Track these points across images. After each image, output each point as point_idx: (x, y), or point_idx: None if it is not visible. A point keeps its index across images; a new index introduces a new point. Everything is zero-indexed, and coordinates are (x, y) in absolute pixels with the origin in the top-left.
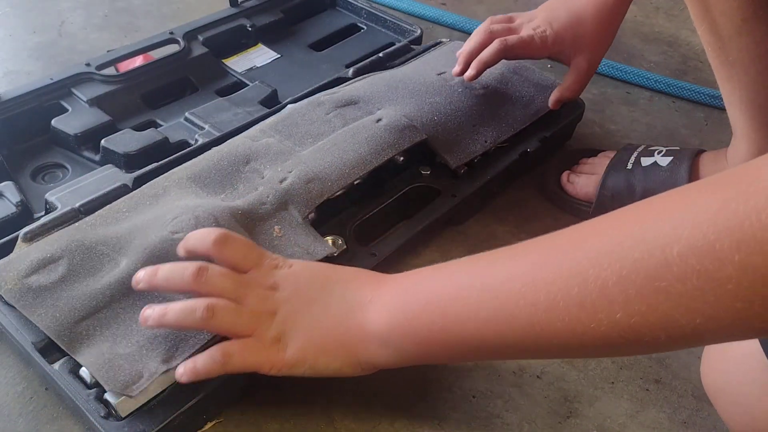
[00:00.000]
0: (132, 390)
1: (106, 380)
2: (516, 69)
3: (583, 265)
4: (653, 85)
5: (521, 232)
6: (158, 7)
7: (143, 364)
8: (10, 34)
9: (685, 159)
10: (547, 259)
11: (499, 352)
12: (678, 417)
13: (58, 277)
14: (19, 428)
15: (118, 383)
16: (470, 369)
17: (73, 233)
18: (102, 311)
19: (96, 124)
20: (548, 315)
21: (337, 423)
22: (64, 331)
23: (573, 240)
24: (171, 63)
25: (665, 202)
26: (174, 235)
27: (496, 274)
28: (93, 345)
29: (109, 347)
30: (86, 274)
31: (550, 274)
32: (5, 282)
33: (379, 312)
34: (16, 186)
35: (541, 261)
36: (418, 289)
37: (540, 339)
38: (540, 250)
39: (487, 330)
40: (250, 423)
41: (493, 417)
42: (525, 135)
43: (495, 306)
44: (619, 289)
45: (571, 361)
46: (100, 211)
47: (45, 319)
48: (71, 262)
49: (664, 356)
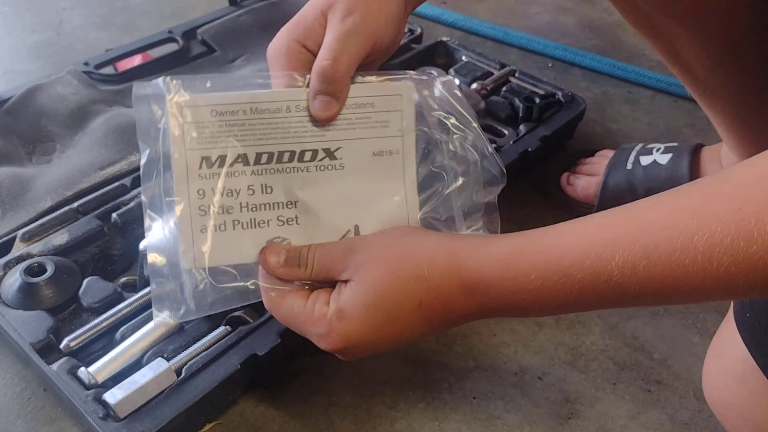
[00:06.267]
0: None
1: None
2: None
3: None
4: (655, 84)
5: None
6: (157, 6)
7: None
8: (9, 33)
9: (685, 155)
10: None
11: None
12: (679, 418)
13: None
14: (18, 429)
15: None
16: (471, 369)
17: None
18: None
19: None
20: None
21: (336, 424)
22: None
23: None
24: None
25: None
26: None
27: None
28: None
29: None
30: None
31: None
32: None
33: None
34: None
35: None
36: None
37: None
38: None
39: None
40: (249, 425)
41: (494, 418)
42: (525, 135)
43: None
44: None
45: (573, 362)
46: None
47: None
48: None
49: (666, 357)
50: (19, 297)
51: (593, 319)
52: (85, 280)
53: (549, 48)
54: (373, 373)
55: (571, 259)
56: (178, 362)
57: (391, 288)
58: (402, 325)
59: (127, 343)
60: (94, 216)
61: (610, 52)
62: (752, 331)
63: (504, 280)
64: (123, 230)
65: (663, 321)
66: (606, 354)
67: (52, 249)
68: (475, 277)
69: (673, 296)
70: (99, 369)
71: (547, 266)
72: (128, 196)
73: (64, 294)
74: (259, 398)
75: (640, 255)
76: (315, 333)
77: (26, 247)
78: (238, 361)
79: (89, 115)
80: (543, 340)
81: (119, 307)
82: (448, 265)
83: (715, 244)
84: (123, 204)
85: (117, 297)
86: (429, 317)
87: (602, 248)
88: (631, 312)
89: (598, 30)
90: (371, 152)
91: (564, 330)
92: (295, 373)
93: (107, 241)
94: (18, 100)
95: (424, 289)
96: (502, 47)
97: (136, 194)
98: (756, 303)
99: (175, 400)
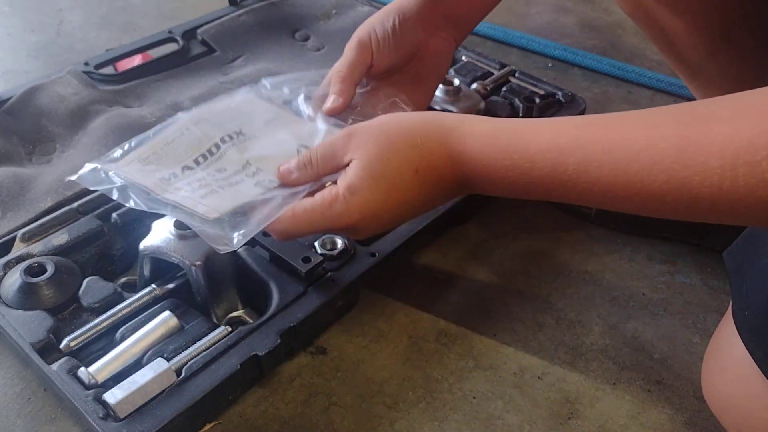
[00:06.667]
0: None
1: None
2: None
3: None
4: (654, 84)
5: (521, 232)
6: (157, 6)
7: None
8: (9, 33)
9: None
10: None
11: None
12: (679, 418)
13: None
14: (18, 429)
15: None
16: (471, 369)
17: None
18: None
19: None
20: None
21: (336, 424)
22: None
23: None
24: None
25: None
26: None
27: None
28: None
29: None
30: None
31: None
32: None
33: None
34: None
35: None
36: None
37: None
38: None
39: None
40: (249, 425)
41: (494, 418)
42: None
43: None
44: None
45: (573, 362)
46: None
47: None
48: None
49: (666, 357)
50: (19, 297)
51: (593, 319)
52: (85, 280)
53: (549, 48)
54: (373, 373)
55: (538, 147)
56: (178, 362)
57: (391, 158)
58: (403, 193)
59: (127, 343)
60: (94, 216)
61: (610, 52)
62: (751, 329)
63: (482, 154)
64: (123, 230)
65: (663, 321)
66: (606, 354)
67: (52, 249)
68: (459, 148)
69: (612, 200)
70: (99, 369)
71: (516, 150)
72: None
73: (64, 294)
74: (259, 398)
75: (594, 158)
76: (333, 215)
77: (26, 247)
78: (238, 361)
79: (89, 115)
80: (543, 340)
81: (119, 307)
82: (438, 136)
83: (656, 162)
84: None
85: (117, 297)
86: (423, 185)
87: (566, 144)
88: (631, 312)
89: (598, 30)
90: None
91: (564, 330)
92: (295, 373)
93: (107, 241)
94: (18, 100)
95: (418, 157)
96: (502, 47)
97: None
98: (755, 302)
99: (175, 400)
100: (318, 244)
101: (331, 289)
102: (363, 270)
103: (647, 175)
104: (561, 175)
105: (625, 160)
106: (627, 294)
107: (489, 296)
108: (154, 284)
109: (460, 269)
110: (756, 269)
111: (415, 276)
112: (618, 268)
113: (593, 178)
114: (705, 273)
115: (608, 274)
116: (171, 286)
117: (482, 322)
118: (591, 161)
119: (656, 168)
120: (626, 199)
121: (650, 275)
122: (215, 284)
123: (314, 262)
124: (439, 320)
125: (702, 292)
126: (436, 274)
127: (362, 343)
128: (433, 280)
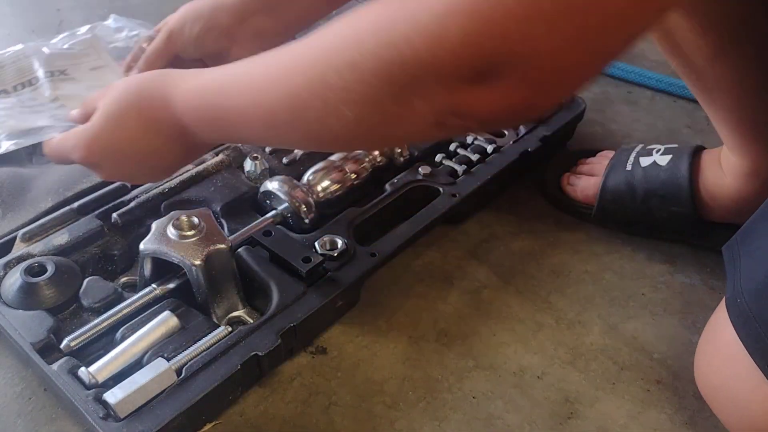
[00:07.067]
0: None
1: None
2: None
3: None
4: (655, 84)
5: (521, 232)
6: (157, 7)
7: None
8: (9, 33)
9: (684, 157)
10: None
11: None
12: (679, 418)
13: None
14: (18, 429)
15: None
16: (471, 369)
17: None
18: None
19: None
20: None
21: (336, 424)
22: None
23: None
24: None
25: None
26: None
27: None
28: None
29: None
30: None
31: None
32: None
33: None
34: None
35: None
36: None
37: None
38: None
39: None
40: (249, 424)
41: (494, 418)
42: (525, 135)
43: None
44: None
45: (573, 362)
46: None
47: None
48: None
49: (666, 357)
50: (19, 297)
51: (593, 319)
52: (85, 280)
53: None
54: (373, 373)
55: (205, 89)
56: (179, 362)
57: (120, 99)
58: (127, 131)
59: (128, 343)
60: (94, 216)
61: None
62: (742, 315)
63: (175, 95)
64: (123, 230)
65: (663, 321)
66: (606, 354)
67: (53, 249)
68: (168, 91)
69: (236, 127)
70: (99, 369)
71: (194, 91)
72: (128, 196)
73: (64, 294)
74: (259, 398)
75: (236, 86)
76: (69, 146)
77: (26, 247)
78: (238, 361)
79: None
80: (543, 340)
81: (119, 307)
82: (157, 83)
83: (269, 84)
84: (123, 204)
85: (117, 297)
86: (146, 128)
87: (218, 87)
88: (631, 312)
89: None
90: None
91: (564, 330)
92: (295, 373)
93: (107, 241)
94: None
95: (141, 98)
96: None
97: (136, 194)
98: (747, 289)
99: (175, 400)
100: (318, 244)
101: (331, 289)
102: (363, 270)
103: (265, 94)
104: (211, 113)
105: (252, 85)
106: (627, 294)
107: (489, 296)
108: (155, 284)
109: (460, 269)
110: (749, 256)
111: (415, 276)
112: (618, 268)
113: (238, 104)
114: (705, 273)
115: (608, 274)
116: (171, 286)
117: (482, 322)
118: (232, 90)
119: (270, 87)
120: (243, 124)
121: (650, 275)
122: (215, 284)
123: (314, 262)
124: (439, 320)
125: (702, 292)
126: (436, 274)
127: (362, 343)
128: (433, 280)
